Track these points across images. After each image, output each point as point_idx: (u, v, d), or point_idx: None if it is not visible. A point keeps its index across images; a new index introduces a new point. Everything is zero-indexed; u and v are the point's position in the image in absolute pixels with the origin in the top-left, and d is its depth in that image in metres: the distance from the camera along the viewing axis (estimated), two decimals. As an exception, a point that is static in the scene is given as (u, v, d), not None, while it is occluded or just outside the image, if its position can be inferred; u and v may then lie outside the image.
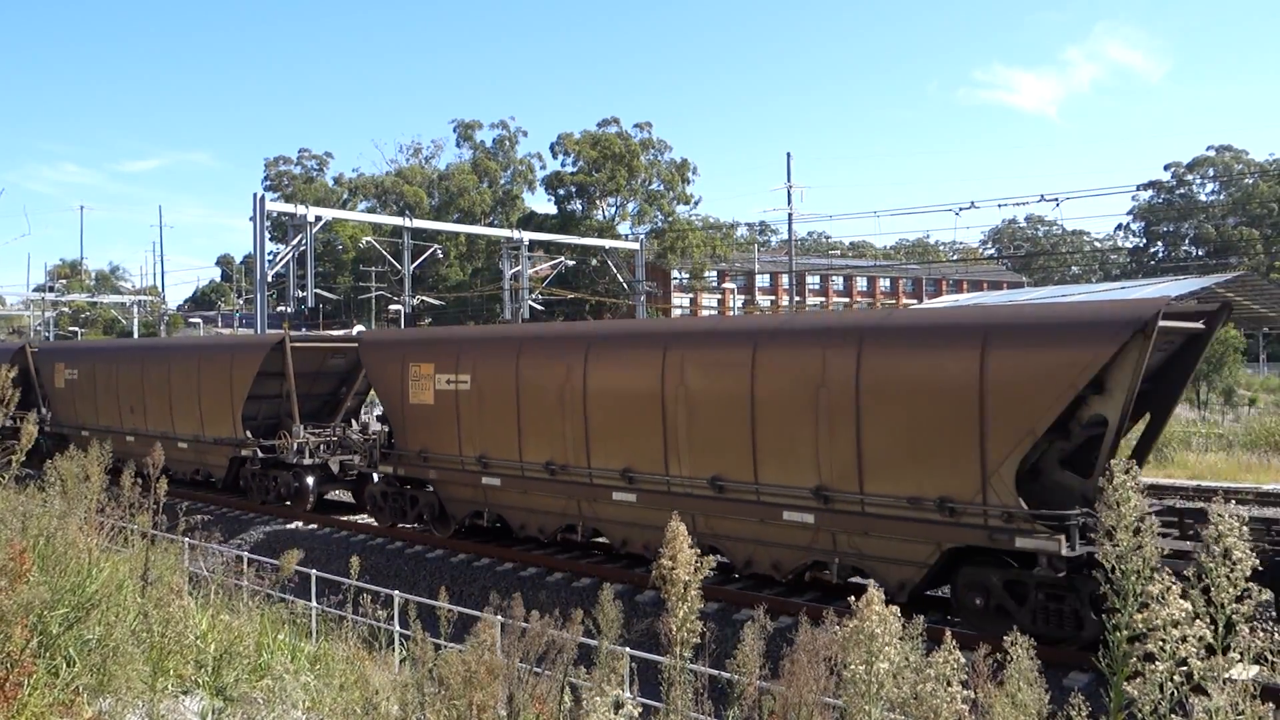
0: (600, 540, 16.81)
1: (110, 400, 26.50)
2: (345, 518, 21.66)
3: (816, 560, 13.09)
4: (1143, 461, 13.10)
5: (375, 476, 19.82)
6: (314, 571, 12.23)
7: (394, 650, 9.56)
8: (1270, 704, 3.34)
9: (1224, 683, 3.21)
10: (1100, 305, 11.60)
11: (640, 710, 8.11)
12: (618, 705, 3.61)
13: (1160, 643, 3.27)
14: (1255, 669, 3.44)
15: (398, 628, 10.39)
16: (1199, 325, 12.23)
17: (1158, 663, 3.27)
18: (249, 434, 22.22)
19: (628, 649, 7.68)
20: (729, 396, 13.66)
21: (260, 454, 22.08)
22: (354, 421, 23.82)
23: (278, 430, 22.30)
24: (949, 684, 3.34)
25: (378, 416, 21.93)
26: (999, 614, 11.52)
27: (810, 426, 12.77)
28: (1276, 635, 10.83)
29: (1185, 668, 3.28)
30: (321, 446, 21.81)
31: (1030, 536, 10.98)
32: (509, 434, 16.62)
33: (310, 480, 21.68)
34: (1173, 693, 3.25)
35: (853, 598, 4.02)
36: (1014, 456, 11.11)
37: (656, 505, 14.35)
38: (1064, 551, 10.78)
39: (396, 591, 11.07)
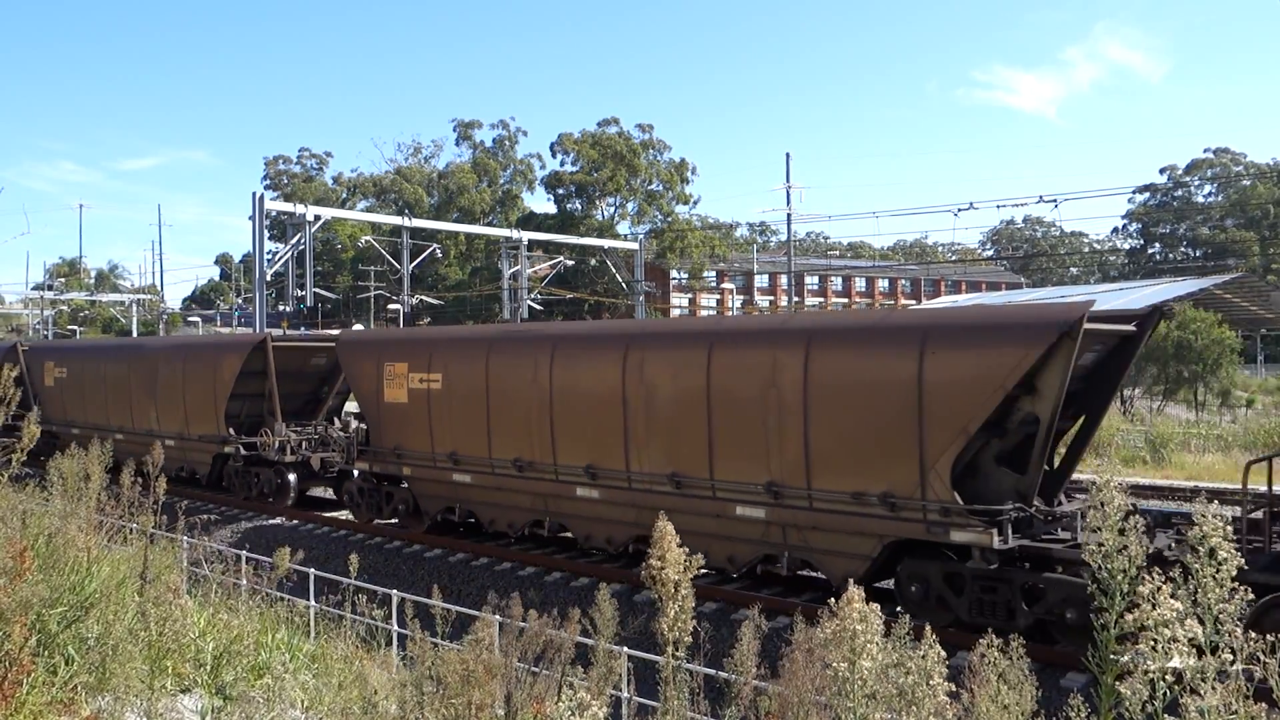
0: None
1: (110, 401, 26.58)
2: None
3: None
4: (1078, 459, 13.28)
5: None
6: (312, 571, 12.25)
7: (393, 649, 9.58)
8: (1264, 703, 3.36)
9: (1215, 682, 3.24)
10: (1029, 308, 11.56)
11: (637, 708, 8.14)
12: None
13: (1152, 642, 3.30)
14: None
15: (395, 627, 10.42)
16: (1130, 328, 12.32)
17: (1150, 662, 3.30)
18: None
19: (625, 648, 7.71)
20: None
21: None
22: None
23: None
24: (930, 678, 3.37)
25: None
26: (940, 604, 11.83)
27: None
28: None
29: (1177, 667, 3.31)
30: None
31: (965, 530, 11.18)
32: None
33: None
34: (1165, 692, 3.28)
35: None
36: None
37: None
38: (995, 544, 10.94)
39: (395, 591, 11.11)
